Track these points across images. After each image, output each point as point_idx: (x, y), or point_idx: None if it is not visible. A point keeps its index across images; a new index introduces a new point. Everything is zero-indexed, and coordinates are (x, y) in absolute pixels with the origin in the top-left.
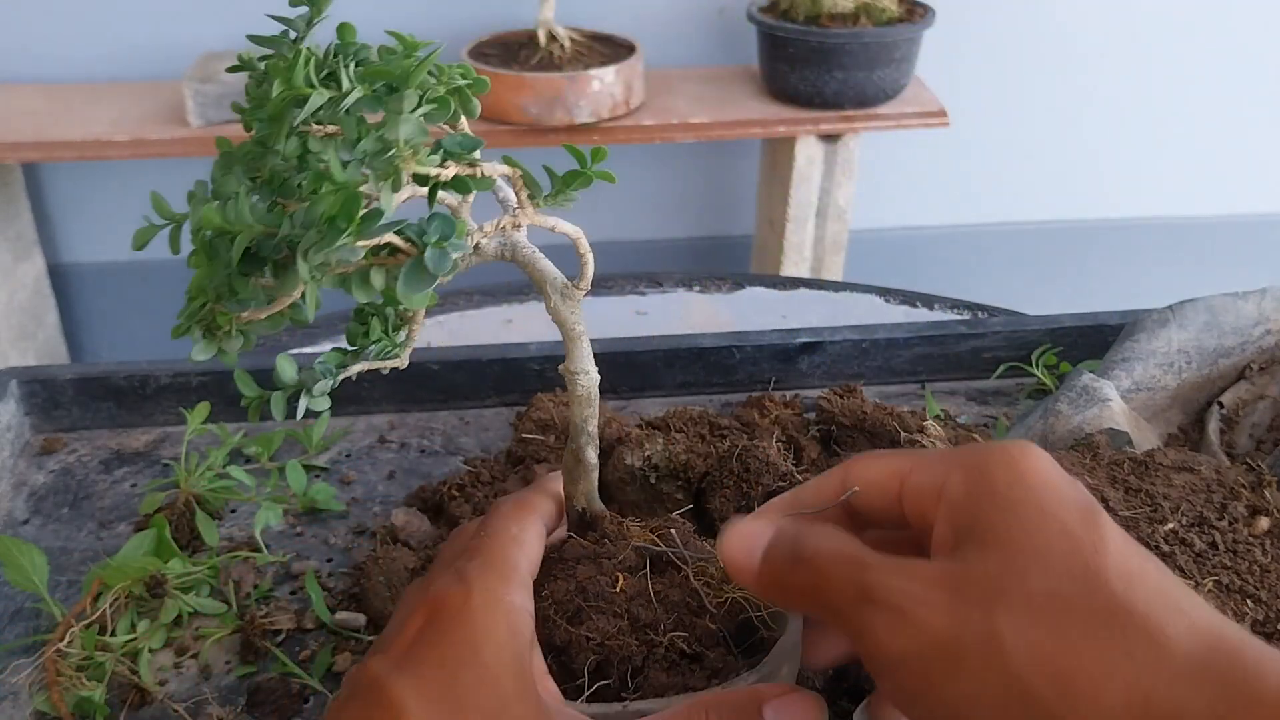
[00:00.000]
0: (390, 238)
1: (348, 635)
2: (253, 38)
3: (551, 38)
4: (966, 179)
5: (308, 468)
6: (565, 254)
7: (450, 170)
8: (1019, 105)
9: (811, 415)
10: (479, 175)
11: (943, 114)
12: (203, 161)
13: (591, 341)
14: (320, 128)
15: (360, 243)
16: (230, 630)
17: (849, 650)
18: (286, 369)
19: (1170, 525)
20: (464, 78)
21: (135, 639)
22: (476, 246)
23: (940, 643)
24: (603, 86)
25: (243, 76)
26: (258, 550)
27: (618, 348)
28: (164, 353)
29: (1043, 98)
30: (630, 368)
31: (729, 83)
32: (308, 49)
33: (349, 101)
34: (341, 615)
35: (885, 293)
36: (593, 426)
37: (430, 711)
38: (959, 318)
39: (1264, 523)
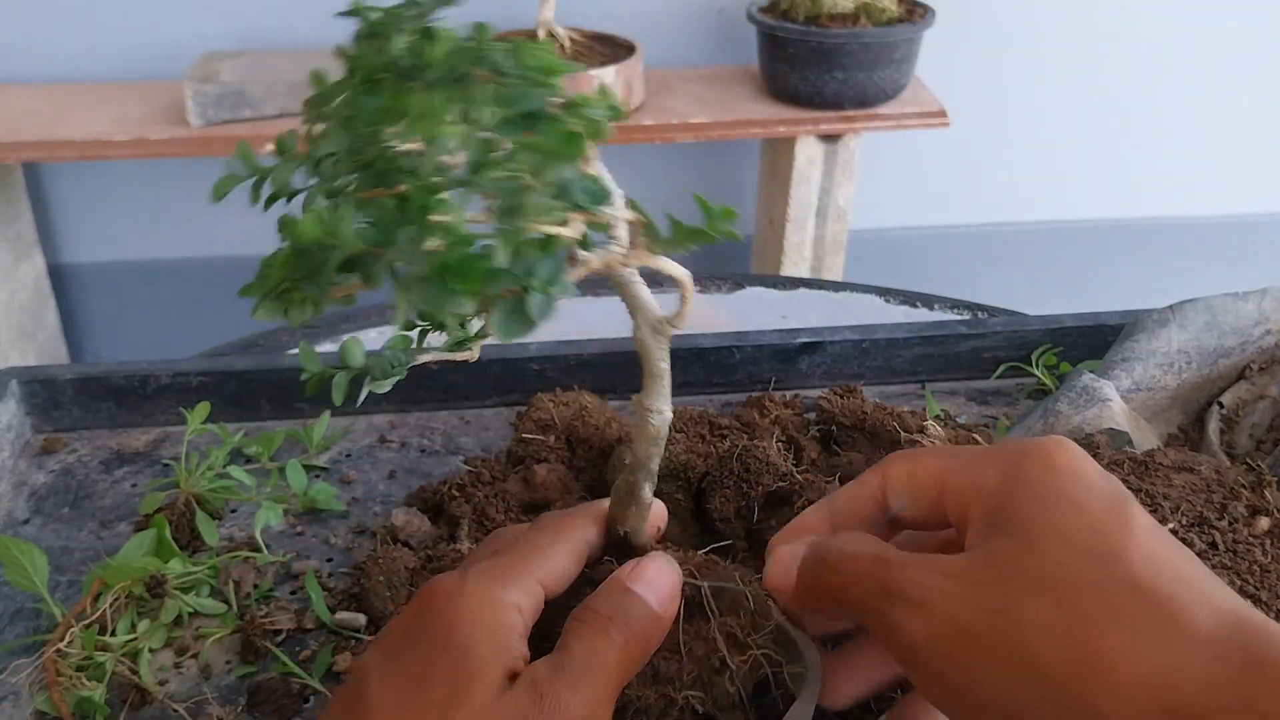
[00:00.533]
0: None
1: (348, 635)
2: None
3: (551, 38)
4: (966, 179)
5: (308, 467)
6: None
7: (576, 227)
8: (1019, 105)
9: (812, 415)
10: (602, 223)
11: (943, 114)
12: (203, 161)
13: (591, 341)
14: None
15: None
16: (230, 630)
17: (870, 686)
18: (355, 352)
19: (1170, 525)
20: (605, 105)
21: (135, 639)
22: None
23: (962, 626)
24: None
25: (243, 74)
26: (258, 550)
27: (617, 348)
28: (164, 353)
29: (1043, 98)
30: (630, 368)
31: (729, 83)
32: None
33: (481, 134)
34: (342, 615)
35: (885, 293)
36: (655, 465)
37: (396, 700)
38: (959, 318)
39: (1264, 523)
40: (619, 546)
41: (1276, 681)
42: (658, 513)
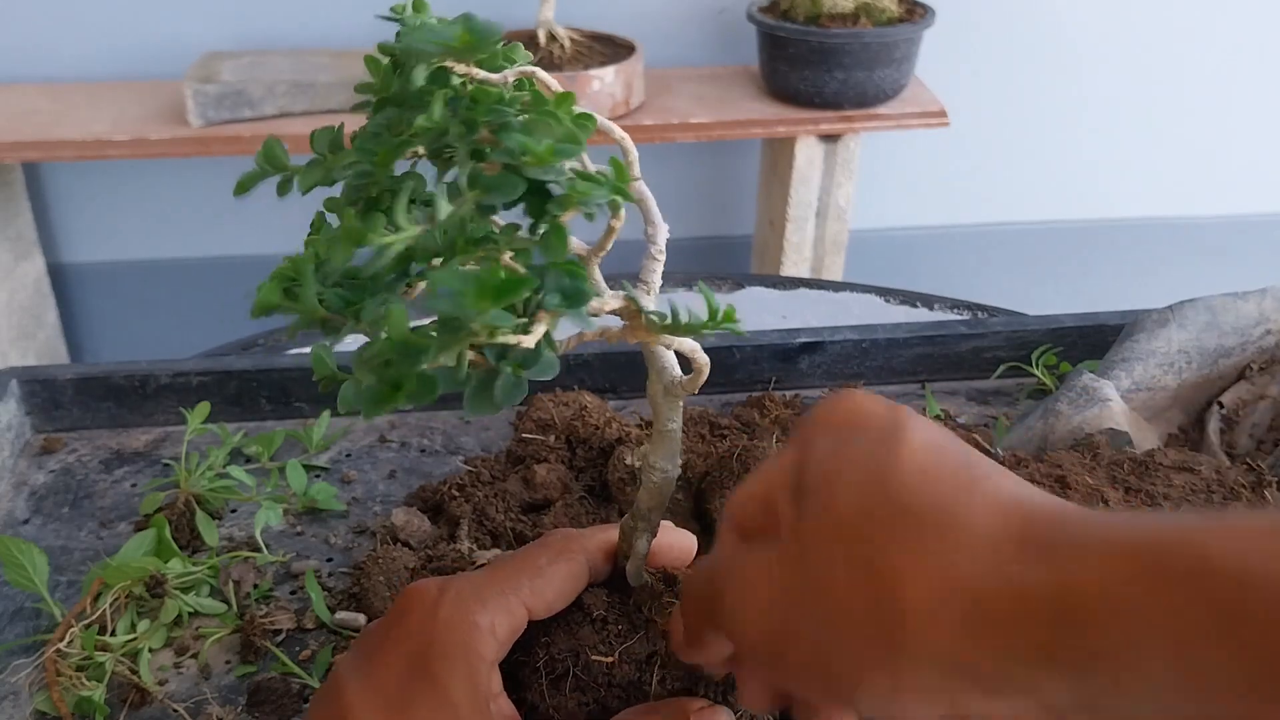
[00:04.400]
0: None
1: (348, 635)
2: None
3: (551, 38)
4: (966, 179)
5: (308, 467)
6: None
7: (539, 329)
8: (1019, 105)
9: None
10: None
11: (943, 114)
12: (203, 161)
13: (591, 341)
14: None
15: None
16: (230, 630)
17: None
18: (323, 360)
19: None
20: (609, 189)
21: (135, 639)
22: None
23: (777, 601)
24: (603, 86)
25: (243, 74)
26: (258, 550)
27: (618, 348)
28: (164, 352)
29: (1043, 98)
30: (630, 368)
31: (729, 83)
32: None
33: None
34: (341, 615)
35: (885, 293)
36: (656, 518)
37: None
38: (959, 318)
39: None
40: (621, 577)
41: (1069, 561)
42: (687, 545)
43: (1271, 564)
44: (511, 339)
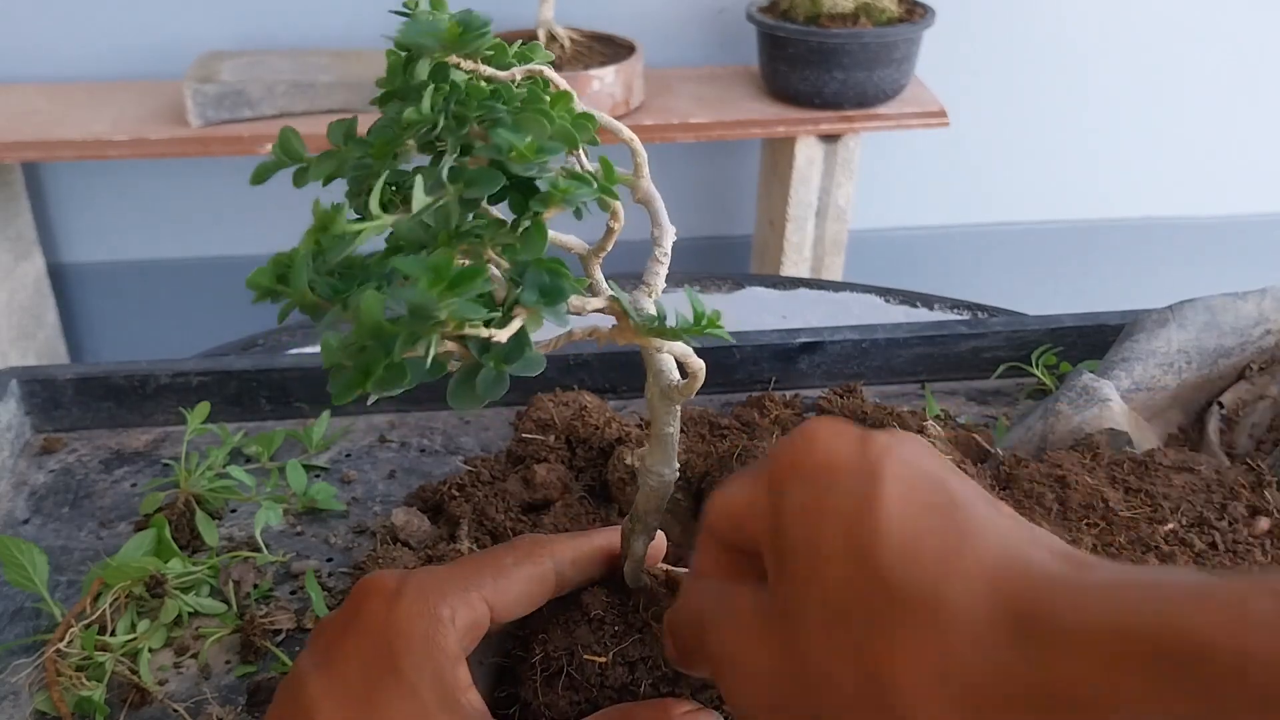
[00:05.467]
0: (451, 345)
1: None
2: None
3: (551, 38)
4: (966, 179)
5: (308, 467)
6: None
7: (518, 323)
8: (1019, 105)
9: (812, 415)
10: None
11: (943, 114)
12: (203, 161)
13: (586, 341)
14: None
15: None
16: (230, 630)
17: None
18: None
19: (1170, 525)
20: (597, 190)
21: (135, 639)
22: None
23: (766, 671)
24: (602, 86)
25: (243, 74)
26: (258, 550)
27: (618, 348)
28: (164, 352)
29: (1043, 98)
30: (630, 368)
31: (729, 83)
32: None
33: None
34: None
35: (885, 293)
36: (654, 521)
37: (342, 715)
38: (959, 318)
39: (1264, 523)
40: (619, 578)
41: (1064, 646)
42: (657, 545)
43: (1272, 645)
44: (484, 332)
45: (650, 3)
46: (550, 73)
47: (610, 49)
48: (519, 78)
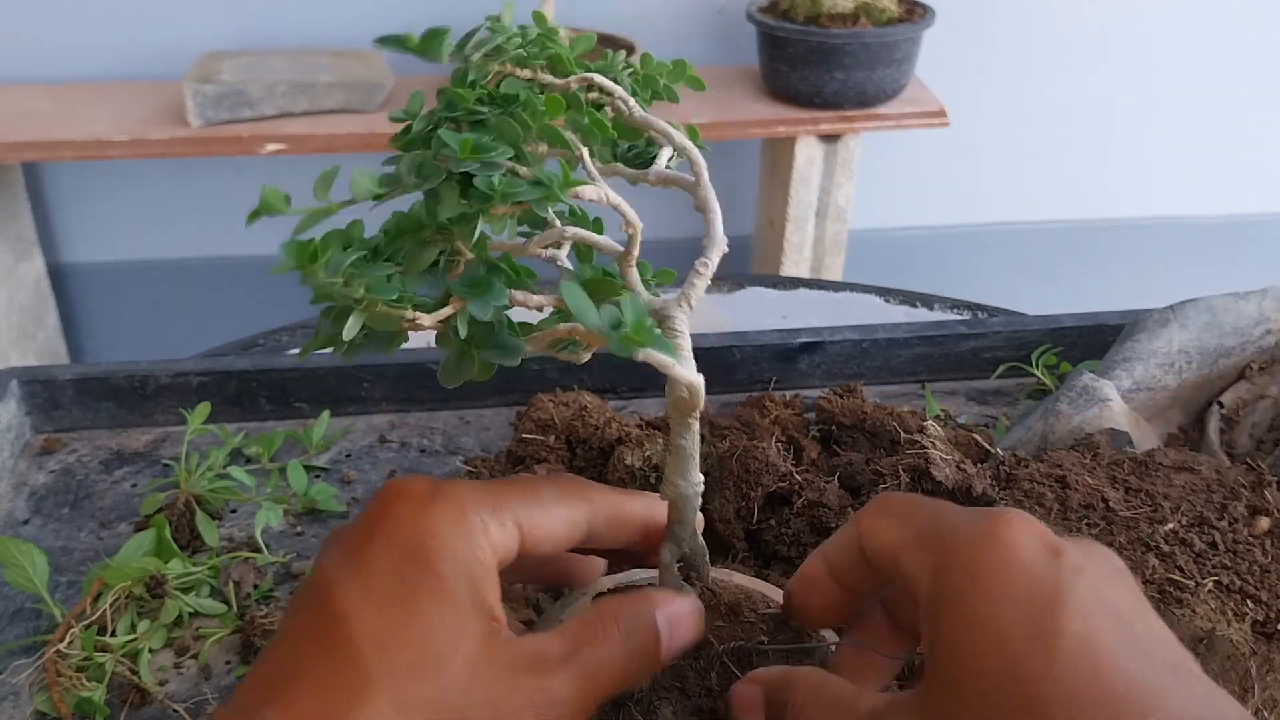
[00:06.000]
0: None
1: None
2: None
3: None
4: (966, 179)
5: (308, 468)
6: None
7: (447, 310)
8: (1019, 105)
9: (811, 415)
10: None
11: (943, 114)
12: (203, 161)
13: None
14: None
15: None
16: (230, 630)
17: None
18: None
19: (1170, 525)
20: (547, 192)
21: (135, 639)
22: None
23: None
24: None
25: (243, 74)
26: (258, 550)
27: None
28: (164, 353)
29: (1043, 98)
30: (630, 368)
31: (729, 83)
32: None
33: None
34: None
35: (885, 293)
36: (682, 532)
37: (378, 619)
38: (959, 318)
39: (1264, 523)
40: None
41: None
42: (599, 563)
43: None
44: (408, 314)
45: (650, 3)
46: (599, 79)
47: (610, 49)
48: (574, 86)
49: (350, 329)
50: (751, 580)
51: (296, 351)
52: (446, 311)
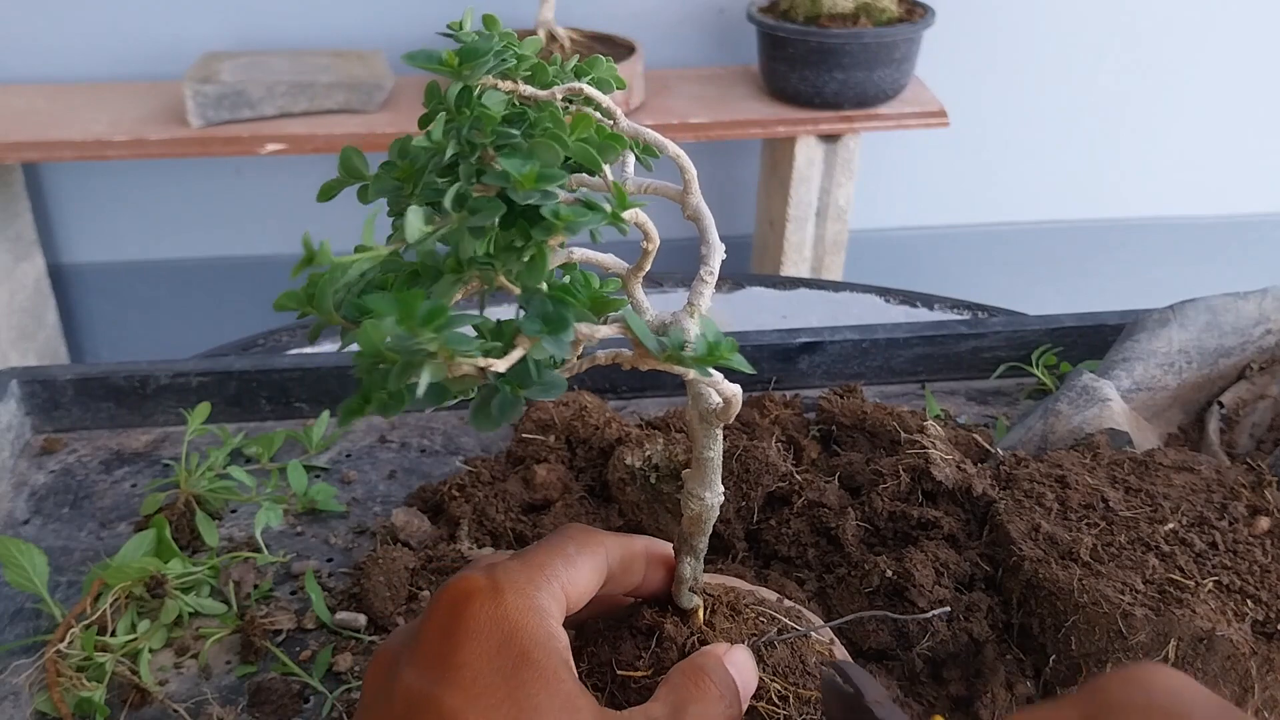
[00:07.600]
0: (467, 368)
1: (348, 635)
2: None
3: (551, 38)
4: (966, 179)
5: (308, 468)
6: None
7: (519, 352)
8: (1019, 105)
9: (811, 415)
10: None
11: (943, 114)
12: (203, 161)
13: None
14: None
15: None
16: (230, 630)
17: None
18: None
19: (1170, 525)
20: (605, 216)
21: (135, 639)
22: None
23: None
24: None
25: (243, 75)
26: (258, 550)
27: None
28: (164, 353)
29: (1043, 98)
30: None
31: (729, 83)
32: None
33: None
34: (341, 615)
35: (885, 293)
36: (700, 544)
37: (476, 707)
38: (959, 318)
39: (1264, 523)
40: (660, 597)
41: None
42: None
43: None
44: (481, 362)
45: (650, 3)
46: (590, 90)
47: (610, 49)
48: (559, 97)
49: (424, 384)
50: (723, 578)
51: (296, 352)
52: (518, 354)
